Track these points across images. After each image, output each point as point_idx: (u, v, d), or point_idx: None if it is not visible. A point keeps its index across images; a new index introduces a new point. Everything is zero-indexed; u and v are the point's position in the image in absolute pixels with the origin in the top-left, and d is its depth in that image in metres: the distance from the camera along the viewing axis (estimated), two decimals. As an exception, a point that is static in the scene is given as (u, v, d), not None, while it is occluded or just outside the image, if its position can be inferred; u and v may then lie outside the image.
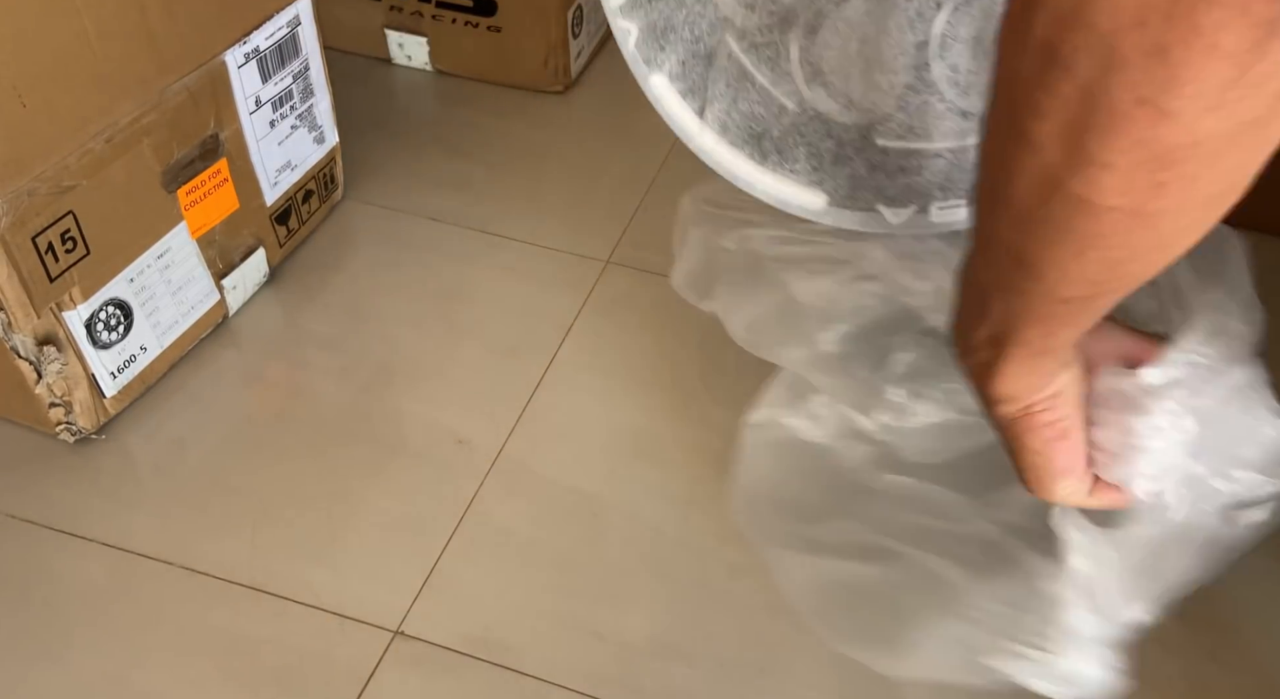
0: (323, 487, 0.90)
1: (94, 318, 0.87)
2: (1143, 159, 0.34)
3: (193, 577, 0.83)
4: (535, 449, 0.93)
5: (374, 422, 0.95)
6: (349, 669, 0.78)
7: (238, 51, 0.94)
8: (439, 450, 0.93)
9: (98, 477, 0.90)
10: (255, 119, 0.99)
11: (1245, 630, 0.84)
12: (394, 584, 0.83)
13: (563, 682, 0.77)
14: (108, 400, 0.92)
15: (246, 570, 0.84)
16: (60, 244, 0.82)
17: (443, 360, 1.01)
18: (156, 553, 0.84)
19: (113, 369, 0.91)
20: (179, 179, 0.92)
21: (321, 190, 1.13)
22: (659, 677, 0.78)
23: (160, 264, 0.93)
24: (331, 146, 1.12)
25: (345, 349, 1.02)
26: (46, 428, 0.90)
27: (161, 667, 0.78)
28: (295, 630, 0.80)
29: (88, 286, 0.86)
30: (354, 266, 1.11)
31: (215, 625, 0.80)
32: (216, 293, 1.01)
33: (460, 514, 0.88)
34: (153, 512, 0.87)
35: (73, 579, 0.83)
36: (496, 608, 0.82)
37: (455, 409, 0.96)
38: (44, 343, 0.85)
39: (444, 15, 1.31)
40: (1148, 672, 0.81)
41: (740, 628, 0.81)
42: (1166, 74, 0.31)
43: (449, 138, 1.27)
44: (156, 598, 0.82)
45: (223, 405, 0.97)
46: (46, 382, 0.86)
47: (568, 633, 0.81)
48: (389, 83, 1.36)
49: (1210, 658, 0.82)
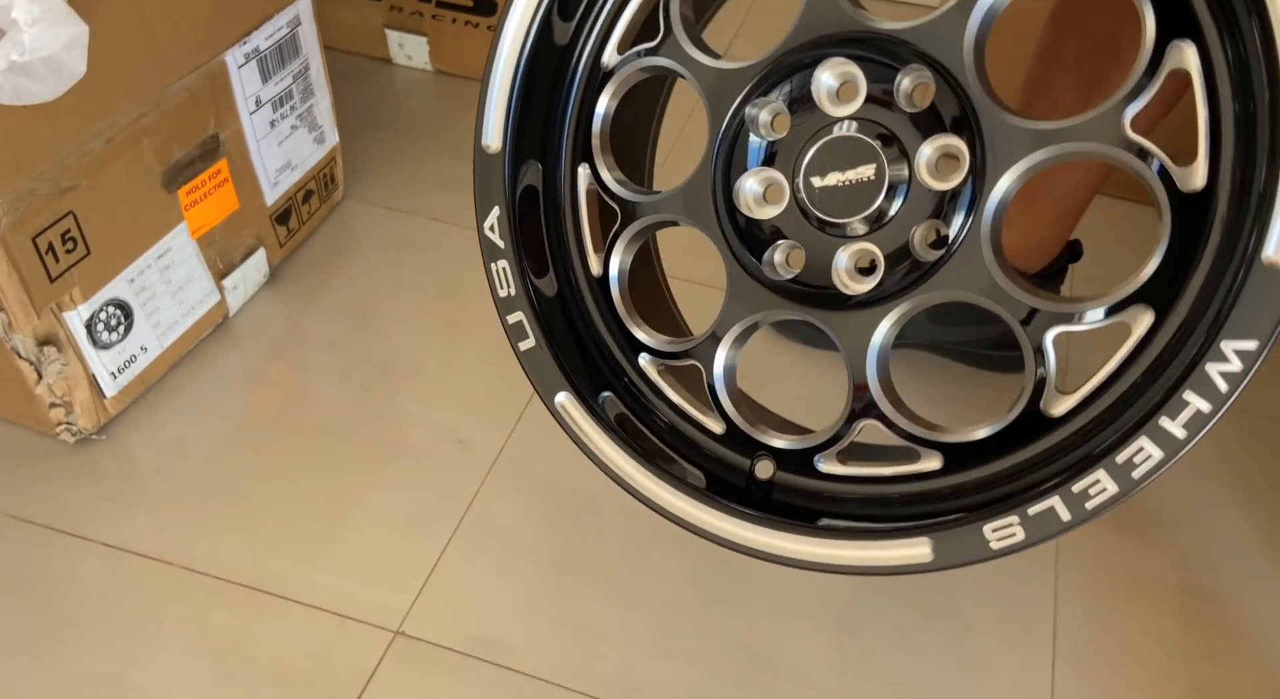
0: (323, 487, 0.90)
1: (94, 318, 0.88)
2: None
3: (193, 577, 0.83)
4: (535, 449, 0.93)
5: (374, 422, 0.95)
6: (349, 669, 0.78)
7: (238, 52, 0.94)
8: (439, 450, 0.93)
9: (98, 477, 0.90)
10: (255, 119, 0.99)
11: (1245, 630, 0.84)
12: (394, 584, 0.83)
13: (563, 682, 0.77)
14: (108, 401, 0.92)
15: (246, 570, 0.84)
16: (60, 244, 0.82)
17: (443, 360, 1.01)
18: (156, 553, 0.84)
19: (113, 369, 0.91)
20: (179, 179, 0.92)
21: (322, 190, 1.13)
22: (659, 676, 0.78)
23: (160, 264, 0.93)
24: (332, 146, 1.12)
25: (345, 349, 1.02)
26: (47, 428, 0.90)
27: (161, 667, 0.78)
28: (295, 630, 0.80)
29: (88, 287, 0.86)
30: (354, 267, 1.11)
31: (215, 625, 0.80)
32: (217, 293, 1.01)
33: (460, 514, 0.88)
34: (153, 512, 0.87)
35: (73, 579, 0.83)
36: (496, 608, 0.82)
37: (455, 409, 0.96)
38: (44, 343, 0.85)
39: (444, 15, 1.31)
40: (1148, 672, 0.81)
41: (740, 628, 0.81)
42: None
43: (449, 138, 1.27)
44: (156, 598, 0.82)
45: (223, 406, 0.97)
46: (47, 382, 0.86)
47: (568, 633, 0.81)
48: (389, 83, 1.36)
49: (1210, 658, 0.82)
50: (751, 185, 0.59)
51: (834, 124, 0.57)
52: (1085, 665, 0.81)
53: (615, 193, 0.65)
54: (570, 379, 0.67)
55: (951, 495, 0.59)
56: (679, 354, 0.66)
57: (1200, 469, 0.95)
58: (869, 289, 0.58)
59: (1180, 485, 0.94)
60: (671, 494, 0.65)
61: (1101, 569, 0.87)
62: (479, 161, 0.65)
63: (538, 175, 0.66)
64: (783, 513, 0.63)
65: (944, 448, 0.59)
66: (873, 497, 0.61)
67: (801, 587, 0.84)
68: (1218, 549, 0.89)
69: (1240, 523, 0.91)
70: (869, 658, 0.80)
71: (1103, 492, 0.51)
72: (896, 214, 0.57)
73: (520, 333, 0.68)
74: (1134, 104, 0.50)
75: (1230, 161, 0.48)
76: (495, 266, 0.67)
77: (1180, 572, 0.87)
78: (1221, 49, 0.47)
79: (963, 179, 0.55)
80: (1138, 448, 0.50)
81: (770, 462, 0.64)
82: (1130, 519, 0.91)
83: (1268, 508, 0.92)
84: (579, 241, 0.67)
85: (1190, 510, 0.92)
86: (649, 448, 0.66)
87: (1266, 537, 0.90)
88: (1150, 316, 0.52)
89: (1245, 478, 0.95)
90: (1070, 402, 0.55)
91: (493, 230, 0.66)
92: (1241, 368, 0.47)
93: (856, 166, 0.57)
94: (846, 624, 0.82)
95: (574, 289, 0.68)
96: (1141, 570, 0.87)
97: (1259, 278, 0.46)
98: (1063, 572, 0.86)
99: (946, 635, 0.82)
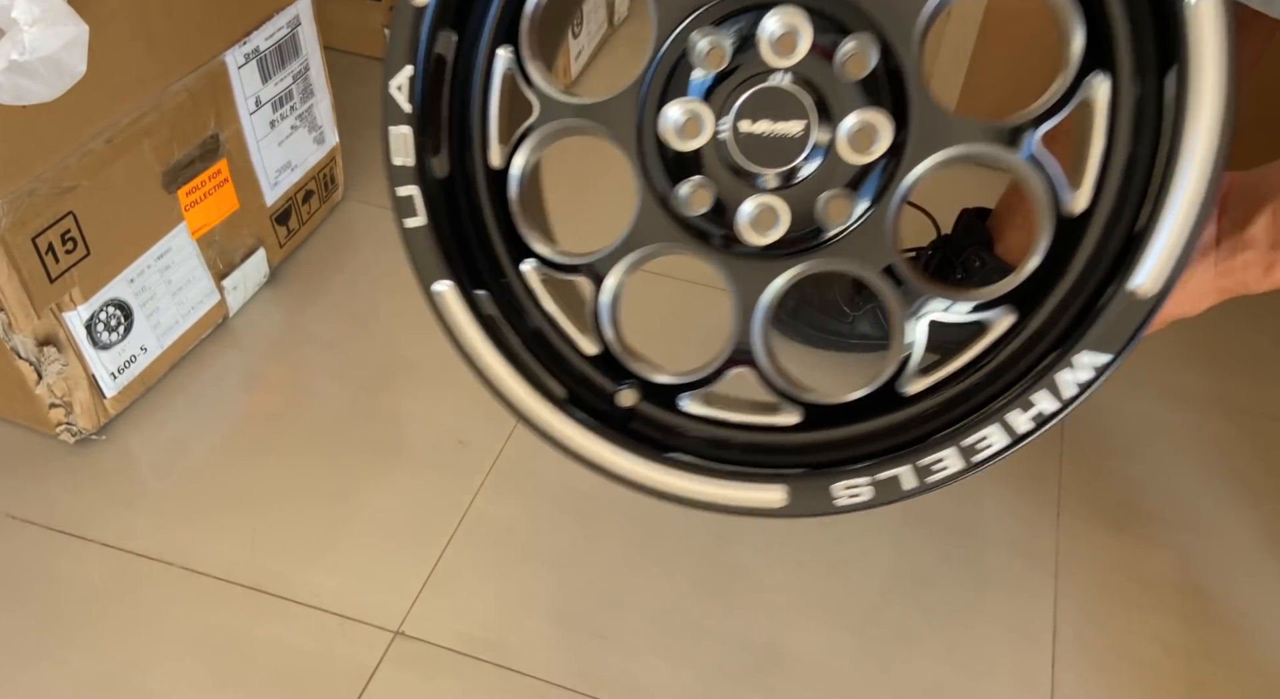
0: (323, 487, 0.90)
1: (94, 318, 0.88)
2: None
3: (193, 577, 0.83)
4: (535, 449, 0.93)
5: (374, 422, 0.95)
6: (349, 669, 0.78)
7: (238, 52, 0.94)
8: (439, 450, 0.93)
9: (98, 477, 0.90)
10: (255, 119, 0.99)
11: (1245, 630, 0.84)
12: (394, 584, 0.83)
13: (563, 682, 0.77)
14: (108, 401, 0.92)
15: (246, 570, 0.84)
16: (60, 245, 0.82)
17: (443, 360, 1.01)
18: (156, 553, 0.84)
19: (113, 370, 0.91)
20: (179, 179, 0.92)
21: (322, 191, 1.13)
22: (659, 676, 0.78)
23: (160, 265, 0.93)
24: (332, 147, 1.12)
25: (345, 349, 1.02)
26: (47, 428, 0.90)
27: (161, 667, 0.78)
28: (295, 630, 0.80)
29: (88, 287, 0.86)
30: (354, 267, 1.11)
31: (215, 625, 0.80)
32: (217, 293, 1.01)
33: (460, 514, 0.88)
34: (153, 512, 0.87)
35: (73, 579, 0.83)
36: (496, 608, 0.82)
37: (455, 409, 0.96)
38: (44, 343, 0.85)
39: (444, 15, 1.31)
40: (1148, 671, 0.81)
41: (740, 628, 0.81)
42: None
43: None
44: (156, 598, 0.82)
45: (223, 406, 0.97)
46: (47, 382, 0.86)
47: (567, 633, 0.81)
48: (389, 83, 1.36)
49: (1210, 658, 0.82)
50: (675, 114, 0.58)
51: (772, 72, 0.57)
52: (1085, 665, 0.81)
53: (539, 87, 0.62)
54: (453, 268, 0.64)
55: (802, 451, 0.61)
56: (569, 268, 0.64)
57: (1200, 469, 0.95)
58: (769, 243, 0.59)
59: (1180, 485, 0.94)
60: (539, 404, 0.65)
61: (1101, 569, 0.87)
62: (400, 13, 0.61)
63: (450, 47, 0.62)
64: (639, 441, 0.63)
65: (807, 406, 0.61)
66: (728, 440, 0.63)
67: (802, 587, 0.84)
68: (1218, 549, 0.89)
69: (1240, 523, 0.91)
70: (869, 658, 0.80)
71: (945, 469, 0.56)
72: (810, 176, 0.58)
73: (408, 208, 0.64)
74: (1048, 122, 0.52)
75: (1113, 195, 0.52)
76: (395, 131, 0.63)
77: (1180, 572, 0.87)
78: (1131, 89, 0.51)
79: (879, 157, 0.55)
80: (983, 436, 0.55)
81: (635, 391, 0.64)
82: (1130, 519, 0.91)
83: (1268, 508, 0.92)
84: (484, 128, 0.64)
85: (1190, 510, 0.92)
86: (517, 354, 0.65)
87: (1266, 537, 0.90)
88: (1012, 318, 0.56)
89: (1245, 478, 0.95)
90: (924, 383, 0.58)
91: (400, 90, 0.62)
92: (1092, 377, 0.52)
93: (787, 120, 0.57)
94: (847, 624, 0.82)
95: (468, 177, 0.65)
96: (1141, 570, 0.87)
97: (1122, 302, 0.51)
98: (1063, 572, 0.86)
99: (946, 635, 0.82)
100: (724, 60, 0.57)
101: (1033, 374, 0.54)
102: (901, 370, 0.58)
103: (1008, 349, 0.56)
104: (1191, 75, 0.47)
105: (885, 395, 0.59)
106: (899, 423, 0.59)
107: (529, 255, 0.65)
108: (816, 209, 0.57)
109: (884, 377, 0.59)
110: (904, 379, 0.58)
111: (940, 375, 0.58)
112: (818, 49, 0.55)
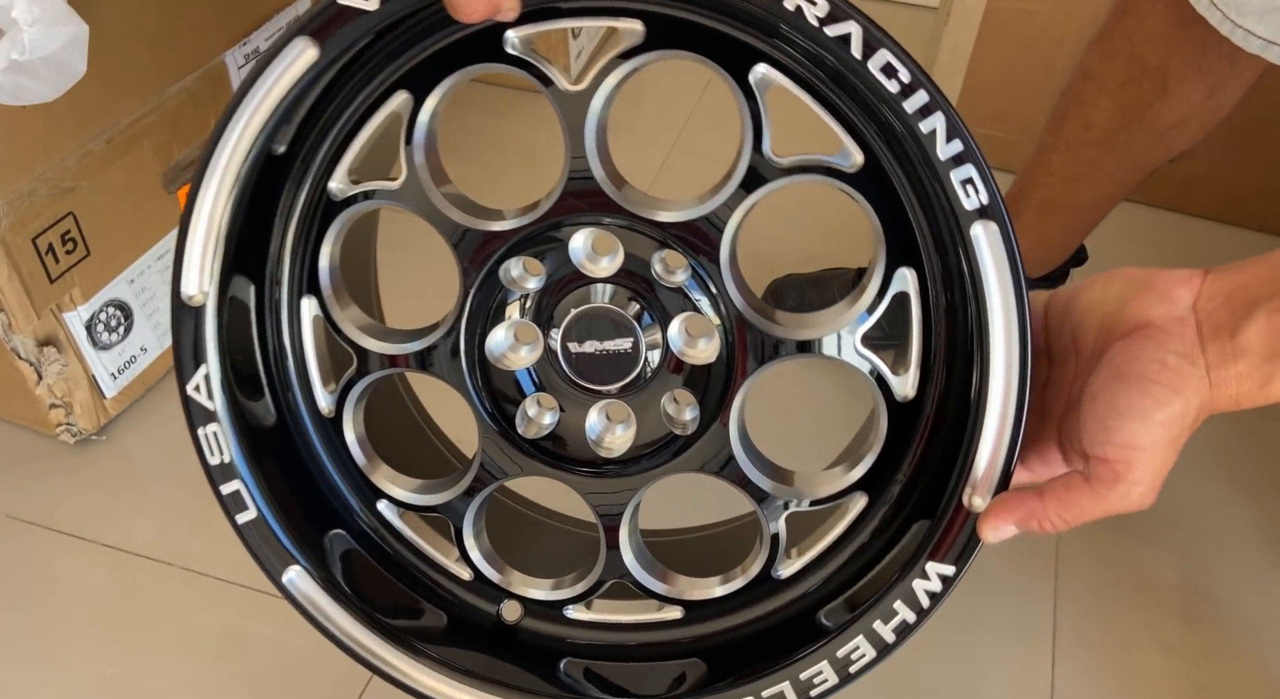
0: (323, 487, 0.90)
1: (94, 319, 0.88)
2: None
3: (193, 577, 0.83)
4: (535, 449, 0.93)
5: (374, 422, 0.95)
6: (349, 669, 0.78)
7: (238, 52, 0.94)
8: (439, 451, 0.93)
9: (98, 477, 0.90)
10: (255, 120, 0.99)
11: (1245, 630, 0.84)
12: (394, 584, 0.83)
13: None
14: (108, 401, 0.92)
15: (246, 570, 0.83)
16: (60, 245, 0.82)
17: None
18: (156, 553, 0.84)
19: (113, 370, 0.91)
20: (179, 180, 0.92)
21: (322, 191, 1.13)
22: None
23: (161, 265, 0.93)
24: (332, 147, 1.12)
25: (345, 350, 1.02)
26: (47, 429, 0.90)
27: (161, 667, 0.78)
28: (295, 630, 0.80)
29: (88, 288, 0.86)
30: (354, 267, 1.11)
31: (215, 625, 0.80)
32: (217, 293, 1.01)
33: (460, 514, 0.88)
34: (153, 512, 0.87)
35: (73, 579, 0.83)
36: (496, 608, 0.82)
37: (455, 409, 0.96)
38: (44, 344, 0.85)
39: (444, 16, 1.31)
40: (1148, 671, 0.81)
41: (740, 628, 0.81)
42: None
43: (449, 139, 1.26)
44: (156, 598, 0.82)
45: (223, 406, 0.97)
46: (47, 383, 0.86)
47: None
48: (389, 84, 1.36)
49: (1210, 658, 0.82)
50: (502, 339, 0.56)
51: (592, 284, 0.55)
52: (1085, 665, 0.81)
53: (351, 339, 0.59)
54: (298, 541, 0.62)
55: (695, 643, 0.61)
56: (424, 508, 0.62)
57: (1200, 469, 0.95)
58: (621, 453, 0.57)
59: (1180, 485, 0.94)
60: (417, 670, 0.61)
61: (1102, 569, 0.87)
62: (177, 316, 0.57)
63: (248, 292, 0.59)
64: (524, 653, 0.62)
65: (685, 603, 0.61)
66: (621, 643, 0.62)
67: (801, 587, 0.84)
68: (1218, 549, 0.89)
69: (1240, 523, 0.91)
70: (869, 658, 0.80)
71: (825, 682, 0.56)
72: (650, 382, 0.56)
73: (238, 504, 0.61)
74: (865, 321, 0.52)
75: (941, 379, 0.53)
76: (204, 432, 0.59)
77: (1180, 572, 0.87)
78: (935, 277, 0.51)
79: (715, 359, 0.54)
80: (855, 646, 0.55)
81: (518, 604, 0.63)
82: (1130, 519, 0.90)
83: (1268, 508, 0.92)
84: (303, 376, 0.60)
85: (1190, 510, 0.92)
86: (386, 602, 0.63)
87: (1266, 537, 0.90)
88: (864, 501, 0.56)
89: (1245, 478, 0.95)
90: (796, 565, 0.58)
91: (199, 391, 0.57)
92: (941, 588, 0.54)
93: (615, 339, 0.55)
94: (846, 624, 0.82)
95: (296, 421, 0.62)
96: (1141, 570, 0.87)
97: (962, 517, 0.51)
98: (1063, 572, 0.86)
99: (946, 635, 0.82)
100: (542, 274, 0.55)
101: (891, 582, 0.54)
102: (773, 558, 0.58)
103: (866, 528, 0.57)
104: (976, 258, 0.47)
105: (763, 582, 0.59)
106: (781, 606, 0.59)
107: (383, 497, 0.62)
108: (664, 414, 0.56)
109: (756, 566, 0.58)
110: (777, 564, 0.58)
111: (808, 558, 0.58)
112: (632, 262, 0.54)
